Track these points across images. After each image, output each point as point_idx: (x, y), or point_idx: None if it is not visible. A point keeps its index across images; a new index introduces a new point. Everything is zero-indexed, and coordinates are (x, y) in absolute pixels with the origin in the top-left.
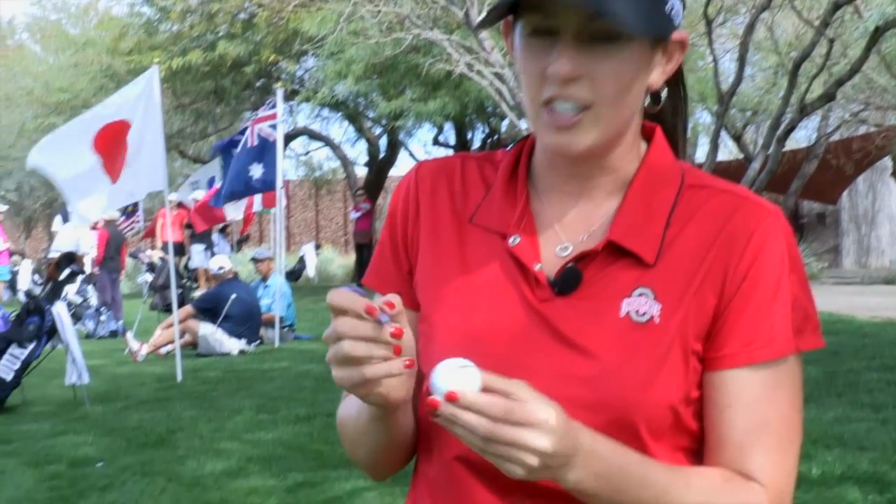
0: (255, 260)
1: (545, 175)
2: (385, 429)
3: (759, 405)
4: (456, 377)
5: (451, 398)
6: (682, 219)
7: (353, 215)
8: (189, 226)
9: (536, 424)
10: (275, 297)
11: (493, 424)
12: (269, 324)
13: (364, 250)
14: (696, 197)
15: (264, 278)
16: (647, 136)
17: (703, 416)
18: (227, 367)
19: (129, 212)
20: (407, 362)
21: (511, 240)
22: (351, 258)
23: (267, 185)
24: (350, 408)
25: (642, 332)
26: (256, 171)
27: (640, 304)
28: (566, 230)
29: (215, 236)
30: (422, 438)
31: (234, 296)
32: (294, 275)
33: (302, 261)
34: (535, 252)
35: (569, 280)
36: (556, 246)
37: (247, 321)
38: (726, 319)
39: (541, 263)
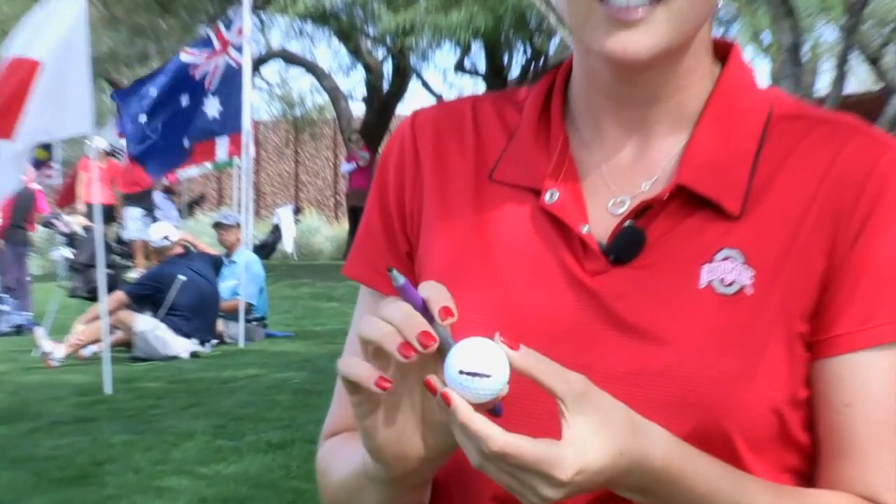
0: (219, 226)
1: (589, 107)
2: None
3: (887, 401)
4: (477, 364)
5: (445, 401)
6: (773, 158)
7: (346, 168)
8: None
9: (545, 474)
10: (240, 280)
11: (490, 457)
12: (233, 316)
13: (361, 217)
14: (791, 130)
15: (228, 252)
16: (721, 54)
17: (815, 421)
18: (174, 375)
19: (40, 161)
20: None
21: (547, 196)
22: (343, 228)
23: (228, 127)
24: (343, 458)
25: (731, 309)
26: (212, 107)
27: (726, 271)
28: (620, 179)
29: (157, 197)
30: (446, 473)
31: (183, 278)
32: (265, 249)
33: (276, 231)
34: (579, 210)
35: (627, 243)
36: (607, 200)
37: (201, 312)
38: (839, 288)
39: (588, 225)
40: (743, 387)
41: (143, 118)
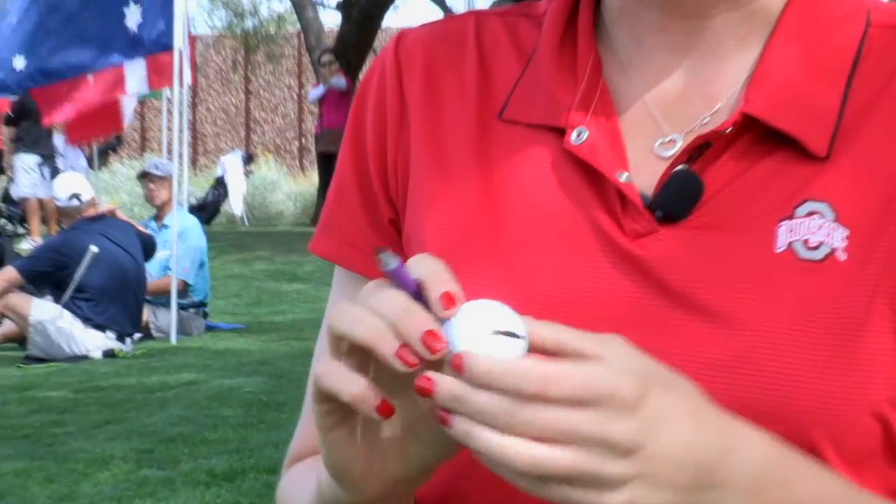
0: (146, 179)
1: (628, 19)
2: None
3: None
4: (482, 334)
5: (456, 365)
6: (872, 81)
7: (315, 94)
8: (11, 119)
9: (618, 401)
10: (173, 252)
11: (528, 403)
12: (163, 300)
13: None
14: None
15: (158, 214)
16: None
17: None
18: (83, 381)
19: None
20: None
21: (574, 135)
22: (311, 182)
23: (155, 44)
24: (307, 487)
25: (818, 279)
26: (133, 16)
27: (811, 230)
28: (669, 111)
29: (59, 141)
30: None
31: (95, 249)
32: (206, 211)
33: (220, 186)
34: (616, 152)
35: (679, 195)
36: (652, 140)
37: (120, 297)
38: None
39: (628, 172)
40: (835, 383)
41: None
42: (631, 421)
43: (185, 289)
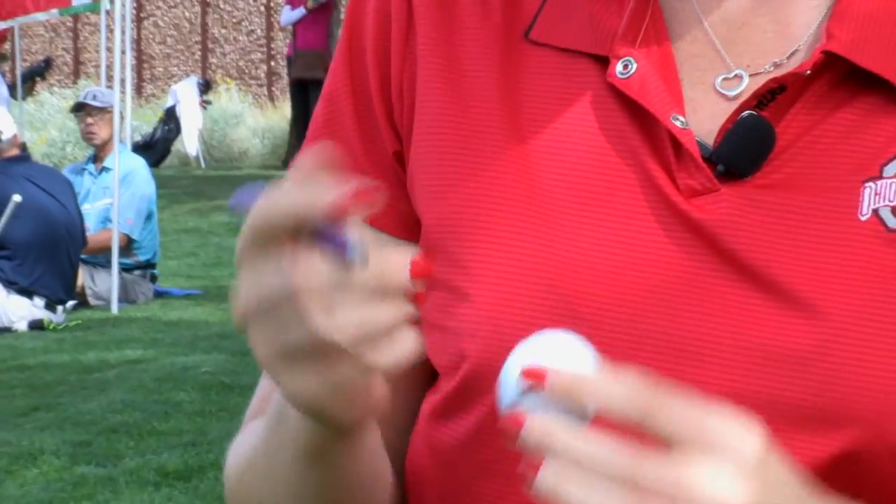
0: (82, 110)
1: None
2: (334, 472)
3: None
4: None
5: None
6: None
7: (292, 16)
8: None
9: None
10: (114, 200)
11: (642, 467)
12: (102, 259)
13: (312, 94)
14: None
15: (97, 156)
16: None
17: None
18: (6, 358)
19: None
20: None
21: (619, 67)
22: (282, 115)
23: None
24: (255, 441)
25: None
26: None
27: None
28: (734, 40)
29: None
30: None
31: (18, 199)
32: (154, 151)
33: (171, 120)
34: (671, 90)
35: (747, 145)
36: (713, 74)
37: (49, 255)
38: None
39: (684, 115)
40: None
41: None
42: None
43: (128, 245)
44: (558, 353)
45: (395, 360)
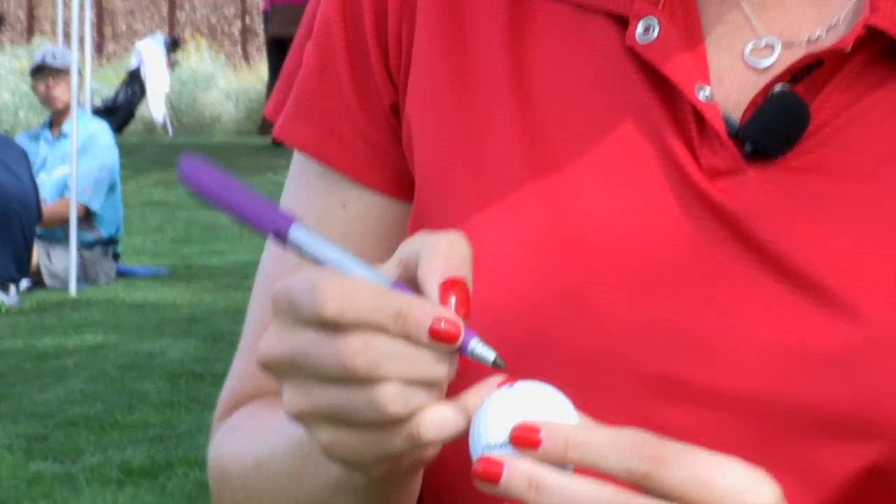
0: (40, 74)
1: None
2: (394, 500)
3: None
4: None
5: (524, 438)
6: None
7: None
8: None
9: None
10: (72, 169)
11: None
12: (58, 234)
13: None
14: None
15: (54, 121)
16: None
17: None
18: None
19: None
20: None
21: (640, 28)
22: (257, 76)
23: None
24: (266, 442)
25: None
26: None
27: None
28: (768, 12)
29: None
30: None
31: None
32: (116, 115)
33: (135, 82)
34: (696, 57)
35: (779, 123)
36: (742, 42)
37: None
38: None
39: (710, 86)
40: None
41: None
42: None
43: (88, 218)
44: (537, 404)
45: (443, 436)
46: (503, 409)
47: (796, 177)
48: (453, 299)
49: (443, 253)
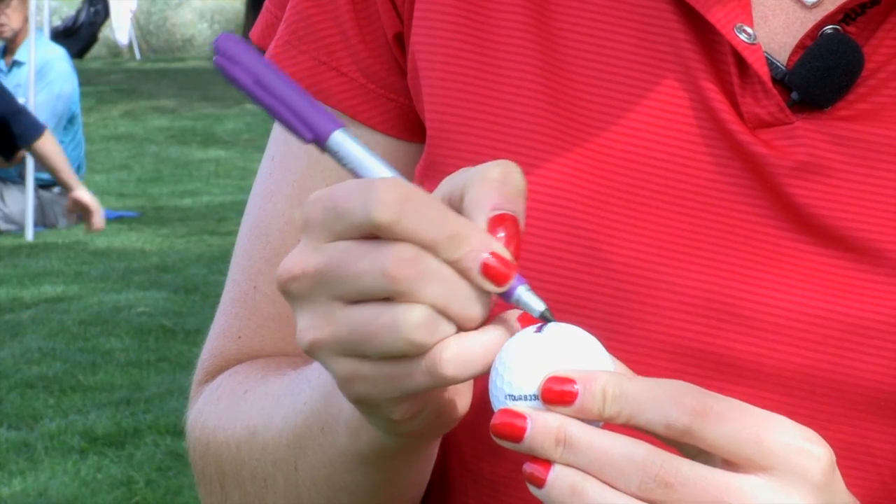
0: None
1: None
2: (408, 470)
3: None
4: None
5: (555, 393)
6: None
7: None
8: None
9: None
10: (28, 99)
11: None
12: (11, 173)
13: None
14: None
15: (8, 48)
16: None
17: None
18: None
19: None
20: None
21: None
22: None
23: None
24: (265, 408)
25: None
26: None
27: None
28: None
29: None
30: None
31: None
32: (77, 38)
33: (97, 0)
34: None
35: (829, 69)
36: None
37: None
38: None
39: (752, 28)
40: None
41: None
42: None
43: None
44: (569, 352)
45: (468, 371)
46: (530, 357)
47: (847, 127)
48: (502, 235)
49: (494, 183)
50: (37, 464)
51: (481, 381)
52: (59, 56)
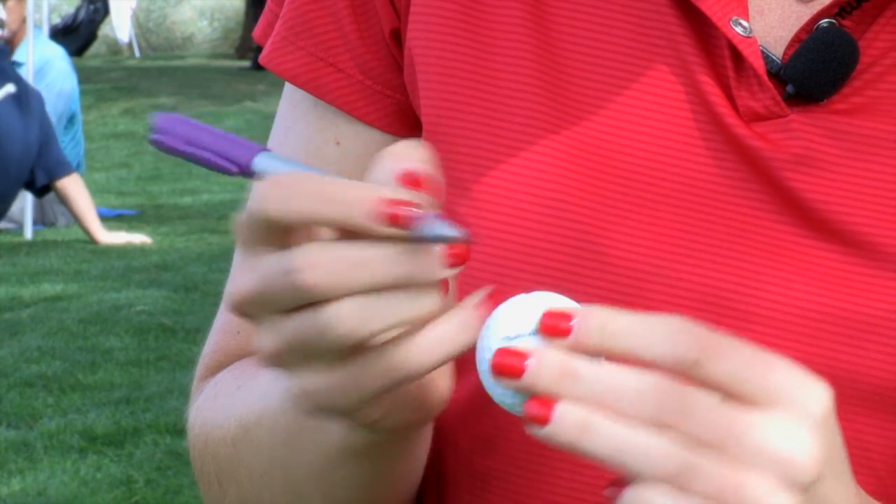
0: None
1: None
2: (401, 460)
3: None
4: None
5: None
6: None
7: None
8: None
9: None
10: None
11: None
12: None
13: None
14: None
15: (8, 44)
16: None
17: None
18: None
19: None
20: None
21: None
22: None
23: None
24: (255, 403)
25: None
26: None
27: None
28: None
29: None
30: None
31: None
32: (76, 36)
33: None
34: None
35: (825, 62)
36: None
37: None
38: None
39: (748, 21)
40: None
41: None
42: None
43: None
44: (555, 301)
45: (427, 362)
46: (521, 309)
47: (842, 121)
48: (401, 185)
49: (397, 154)
50: (36, 463)
51: (473, 375)
52: (58, 55)
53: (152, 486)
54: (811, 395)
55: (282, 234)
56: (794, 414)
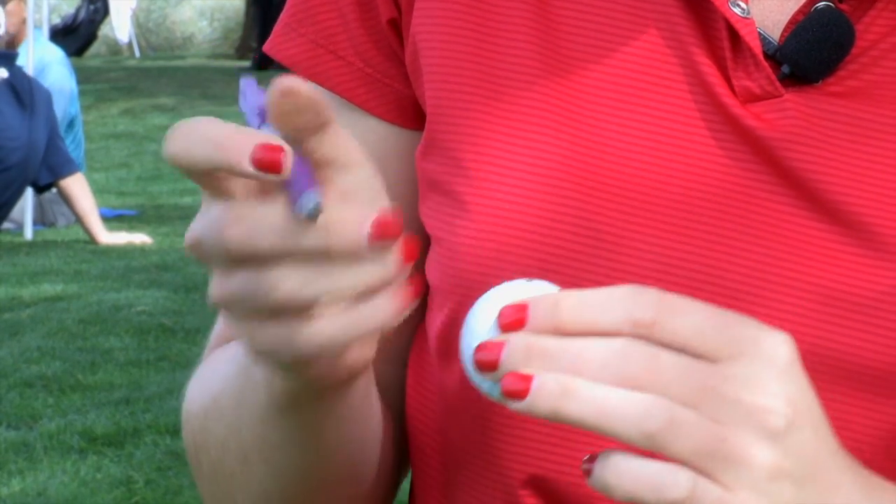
0: None
1: None
2: (323, 426)
3: None
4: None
5: (511, 317)
6: None
7: None
8: None
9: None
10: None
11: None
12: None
13: None
14: None
15: (10, 43)
16: None
17: None
18: None
19: None
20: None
21: None
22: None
23: None
24: (222, 372)
25: None
26: None
27: None
28: None
29: None
30: (465, 449)
31: None
32: (76, 37)
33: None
34: None
35: (820, 42)
36: None
37: None
38: None
39: (746, 2)
40: None
41: None
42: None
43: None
44: (522, 290)
45: (350, 331)
46: (493, 305)
47: (838, 103)
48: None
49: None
50: (36, 463)
51: (461, 370)
52: (56, 59)
53: (152, 487)
54: (773, 344)
55: (216, 181)
56: (760, 364)
